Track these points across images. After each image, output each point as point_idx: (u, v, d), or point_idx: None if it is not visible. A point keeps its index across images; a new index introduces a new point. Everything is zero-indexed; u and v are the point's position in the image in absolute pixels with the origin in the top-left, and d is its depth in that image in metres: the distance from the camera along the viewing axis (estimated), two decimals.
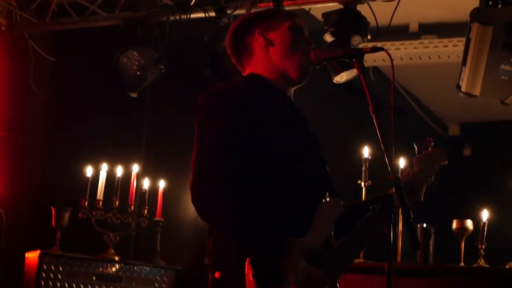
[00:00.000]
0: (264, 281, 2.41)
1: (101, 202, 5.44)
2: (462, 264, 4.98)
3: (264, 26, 2.87)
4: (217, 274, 2.56)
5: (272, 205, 2.57)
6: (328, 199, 2.68)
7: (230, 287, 2.51)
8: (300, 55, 2.83)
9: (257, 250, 2.44)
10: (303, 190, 2.67)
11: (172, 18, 5.34)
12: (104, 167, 5.51)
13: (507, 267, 4.84)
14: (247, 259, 2.44)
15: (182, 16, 5.31)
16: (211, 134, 2.61)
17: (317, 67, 2.85)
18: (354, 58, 2.73)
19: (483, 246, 5.01)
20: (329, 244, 2.59)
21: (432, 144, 2.95)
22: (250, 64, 2.88)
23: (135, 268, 5.32)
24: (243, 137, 2.58)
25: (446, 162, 2.96)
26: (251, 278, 2.41)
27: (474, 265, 4.94)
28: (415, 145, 2.96)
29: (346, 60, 2.82)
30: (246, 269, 2.43)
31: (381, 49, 2.73)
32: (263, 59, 2.84)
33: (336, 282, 2.61)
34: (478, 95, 4.58)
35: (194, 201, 2.54)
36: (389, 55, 2.71)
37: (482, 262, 4.94)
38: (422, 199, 2.87)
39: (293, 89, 2.88)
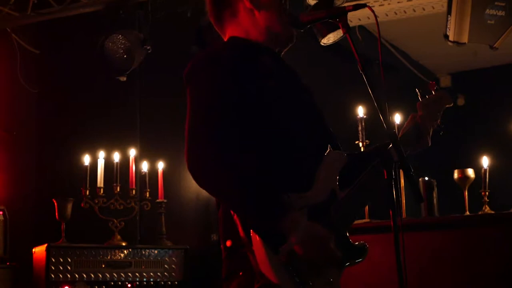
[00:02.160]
0: (268, 243, 2.43)
1: (102, 190, 5.44)
2: (468, 213, 4.98)
3: None
4: (228, 243, 2.57)
5: (272, 165, 2.56)
6: (330, 152, 2.67)
7: (241, 254, 2.51)
8: (286, 18, 2.79)
9: (258, 215, 2.45)
10: (303, 144, 2.65)
11: None
12: (102, 154, 5.50)
13: None
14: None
15: None
16: (204, 100, 2.56)
17: (302, 31, 2.83)
18: (338, 17, 2.69)
19: (487, 193, 5.01)
20: (334, 195, 2.58)
21: (435, 88, 2.92)
22: (231, 25, 2.82)
23: (143, 252, 5.32)
24: (236, 98, 2.55)
25: (451, 104, 2.93)
26: (258, 239, 2.43)
27: (480, 213, 4.95)
28: (417, 91, 2.92)
29: (331, 20, 2.78)
30: (251, 234, 2.45)
31: (364, 5, 2.70)
32: (247, 21, 2.79)
33: (346, 234, 2.60)
34: (466, 42, 4.56)
35: (190, 170, 2.49)
36: (373, 11, 2.67)
37: (487, 209, 4.94)
38: (429, 144, 2.84)
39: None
